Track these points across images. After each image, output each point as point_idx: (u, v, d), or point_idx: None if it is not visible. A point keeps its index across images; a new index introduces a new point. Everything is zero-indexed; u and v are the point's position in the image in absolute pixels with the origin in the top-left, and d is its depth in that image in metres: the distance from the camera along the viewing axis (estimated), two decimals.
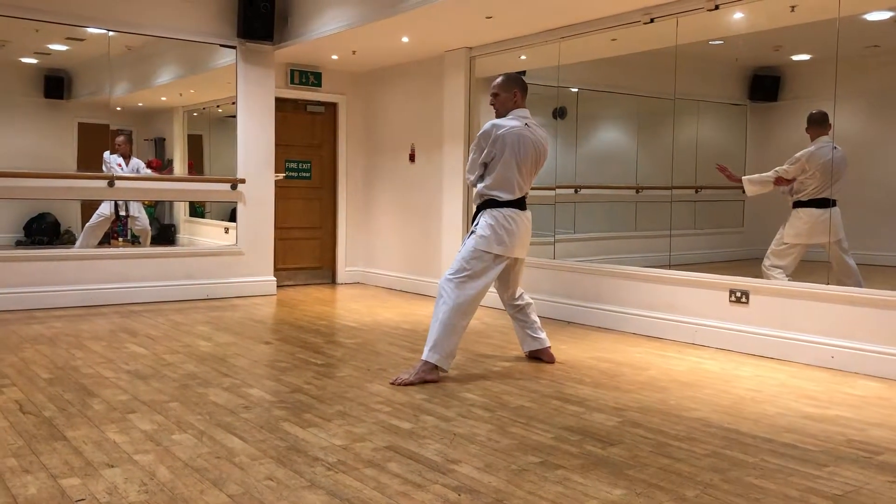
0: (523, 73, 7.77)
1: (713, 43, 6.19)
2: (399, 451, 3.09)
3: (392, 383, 4.19)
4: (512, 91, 4.50)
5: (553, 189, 6.88)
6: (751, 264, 5.87)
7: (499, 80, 4.57)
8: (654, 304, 5.80)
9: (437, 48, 7.42)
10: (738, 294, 5.28)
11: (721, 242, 7.17)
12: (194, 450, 3.06)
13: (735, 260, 6.76)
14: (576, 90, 7.44)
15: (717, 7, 5.35)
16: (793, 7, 5.19)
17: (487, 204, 4.44)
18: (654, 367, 4.75)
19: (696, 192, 7.01)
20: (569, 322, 6.35)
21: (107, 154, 7.54)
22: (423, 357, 4.27)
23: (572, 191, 7.18)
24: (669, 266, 5.89)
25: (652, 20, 5.73)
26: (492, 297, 6.98)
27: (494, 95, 4.54)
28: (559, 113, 7.39)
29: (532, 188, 4.58)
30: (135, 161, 7.75)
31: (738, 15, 5.47)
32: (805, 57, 6.53)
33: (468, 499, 2.62)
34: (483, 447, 3.15)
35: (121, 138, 7.63)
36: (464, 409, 3.73)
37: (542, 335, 4.85)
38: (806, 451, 3.18)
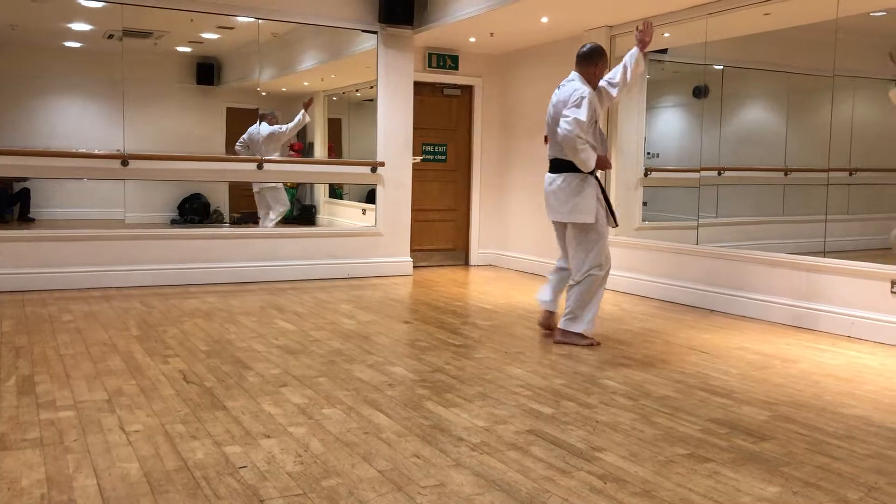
0: (665, 50, 7.55)
1: (874, 15, 5.78)
2: (542, 435, 3.09)
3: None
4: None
5: (698, 171, 6.64)
6: None
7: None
8: (805, 293, 5.50)
9: (576, 27, 7.29)
10: None
11: (878, 228, 6.70)
12: (343, 424, 3.18)
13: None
14: (720, 68, 7.12)
15: None
16: None
17: None
18: (805, 360, 4.51)
19: (851, 174, 6.58)
20: (711, 310, 6.13)
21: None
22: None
23: (715, 173, 6.90)
24: (824, 253, 5.56)
25: None
26: (633, 282, 6.90)
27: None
28: (700, 91, 7.11)
29: (674, 170, 4.46)
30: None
31: None
32: None
33: (614, 487, 2.58)
34: (628, 436, 3.10)
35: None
36: (605, 396, 3.68)
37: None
38: None
